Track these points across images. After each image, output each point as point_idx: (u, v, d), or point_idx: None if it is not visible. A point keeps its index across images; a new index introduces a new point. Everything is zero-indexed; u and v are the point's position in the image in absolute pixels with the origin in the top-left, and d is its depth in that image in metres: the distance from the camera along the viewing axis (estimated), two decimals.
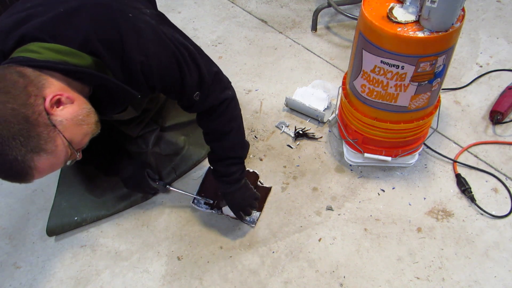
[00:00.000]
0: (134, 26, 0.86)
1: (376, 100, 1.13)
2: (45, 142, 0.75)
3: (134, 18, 0.87)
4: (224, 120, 1.08)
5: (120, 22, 0.85)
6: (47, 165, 0.78)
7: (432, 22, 0.95)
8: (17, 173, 0.75)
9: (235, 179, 1.14)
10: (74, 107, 0.80)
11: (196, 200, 1.30)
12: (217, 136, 1.11)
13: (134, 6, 0.92)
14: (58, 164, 0.80)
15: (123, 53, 0.84)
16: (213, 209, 1.28)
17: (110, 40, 0.83)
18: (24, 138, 0.72)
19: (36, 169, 0.76)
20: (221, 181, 1.15)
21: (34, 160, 0.75)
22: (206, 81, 1.00)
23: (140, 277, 1.16)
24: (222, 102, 1.06)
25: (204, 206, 1.28)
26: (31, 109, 0.73)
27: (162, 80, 0.93)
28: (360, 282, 1.13)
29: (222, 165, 1.13)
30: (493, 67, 1.68)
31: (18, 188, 1.37)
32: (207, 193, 1.31)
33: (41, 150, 0.75)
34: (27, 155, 0.73)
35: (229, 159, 1.12)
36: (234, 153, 1.13)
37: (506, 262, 1.15)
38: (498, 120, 1.46)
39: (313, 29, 1.92)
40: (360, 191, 1.32)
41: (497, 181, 1.32)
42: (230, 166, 1.12)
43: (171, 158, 1.37)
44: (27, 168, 0.75)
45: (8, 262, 1.21)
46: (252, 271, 1.16)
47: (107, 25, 0.84)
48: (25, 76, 0.75)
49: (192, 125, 1.43)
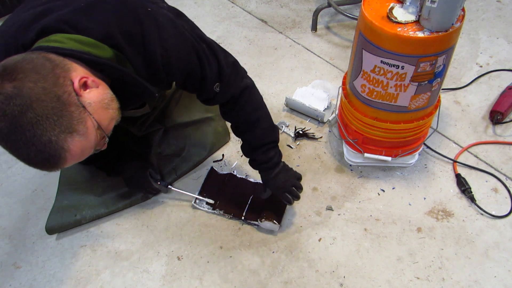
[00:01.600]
0: (154, 20, 0.87)
1: (376, 100, 1.13)
2: (77, 122, 0.74)
3: (153, 12, 0.88)
4: (250, 109, 1.09)
5: (141, 16, 0.86)
6: (79, 148, 0.76)
7: (432, 22, 0.95)
8: (50, 156, 0.72)
9: (275, 163, 1.14)
10: (99, 90, 0.80)
11: (198, 200, 1.29)
12: (248, 126, 1.11)
13: (152, 1, 0.94)
14: (88, 148, 0.78)
15: (144, 46, 0.85)
16: (215, 209, 1.27)
17: (131, 33, 0.84)
18: (57, 117, 0.71)
19: (69, 151, 0.74)
20: (261, 169, 1.16)
21: (67, 142, 0.73)
22: (225, 71, 1.01)
23: (140, 277, 1.16)
24: (243, 91, 1.07)
25: (206, 206, 1.28)
26: (62, 89, 0.73)
27: (182, 73, 0.94)
28: (360, 282, 1.13)
29: (259, 153, 1.13)
30: (493, 67, 1.68)
31: (18, 188, 1.37)
32: (209, 193, 1.31)
33: (73, 130, 0.74)
34: (60, 135, 0.72)
35: (264, 145, 1.12)
36: (268, 138, 1.13)
37: (506, 262, 1.15)
38: (498, 120, 1.46)
39: (313, 29, 1.92)
40: (360, 191, 1.32)
41: (497, 181, 1.32)
42: (267, 152, 1.13)
43: (172, 159, 1.37)
44: (60, 150, 0.73)
45: (8, 262, 1.21)
46: (252, 271, 1.16)
47: (128, 19, 0.85)
48: (50, 60, 0.75)
49: (193, 126, 1.43)
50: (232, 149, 1.46)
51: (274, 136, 1.14)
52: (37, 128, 0.70)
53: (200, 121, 1.44)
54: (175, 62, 0.91)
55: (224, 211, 1.27)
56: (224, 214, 1.27)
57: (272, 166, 1.14)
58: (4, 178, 1.41)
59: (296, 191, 1.16)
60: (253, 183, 1.34)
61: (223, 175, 1.36)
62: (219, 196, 1.30)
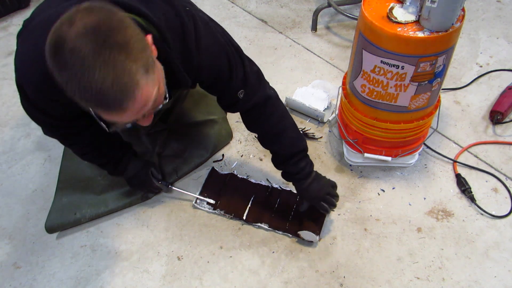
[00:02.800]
0: (192, 18, 0.90)
1: (376, 100, 1.13)
2: (152, 64, 0.72)
3: (191, 12, 0.91)
4: (276, 119, 1.09)
5: (182, 14, 0.88)
6: (147, 92, 0.71)
7: (432, 22, 0.95)
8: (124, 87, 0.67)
9: (307, 173, 1.13)
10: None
11: (199, 200, 1.29)
12: (275, 137, 1.11)
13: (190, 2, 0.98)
14: (150, 98, 0.73)
15: (183, 42, 0.87)
16: (216, 209, 1.27)
17: (174, 27, 0.86)
18: (141, 50, 0.69)
19: (140, 89, 0.69)
20: (294, 180, 1.15)
21: (143, 78, 0.69)
22: (250, 78, 1.02)
23: (140, 277, 1.16)
24: (266, 101, 1.07)
25: (206, 207, 1.28)
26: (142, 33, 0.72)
27: (212, 74, 0.95)
28: (360, 282, 1.13)
29: (290, 164, 1.12)
30: (493, 67, 1.68)
31: (18, 188, 1.37)
32: (210, 193, 1.31)
33: (149, 70, 0.71)
34: (139, 69, 0.68)
35: (294, 156, 1.11)
36: (297, 148, 1.12)
37: (506, 262, 1.15)
38: (498, 120, 1.46)
39: (313, 29, 1.92)
40: (360, 191, 1.32)
41: (497, 181, 1.32)
42: (298, 163, 1.12)
43: (173, 160, 1.37)
44: (135, 85, 0.68)
45: (8, 262, 1.21)
46: (252, 271, 1.16)
47: (171, 15, 0.87)
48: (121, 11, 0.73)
49: (195, 128, 1.43)
50: (232, 149, 1.46)
51: (302, 145, 1.13)
52: (122, 53, 0.66)
53: (202, 123, 1.44)
54: (207, 63, 0.92)
55: (225, 211, 1.27)
56: (225, 214, 1.27)
57: (305, 176, 1.13)
58: (4, 178, 1.41)
59: (331, 199, 1.14)
60: (254, 183, 1.34)
61: (224, 175, 1.36)
62: (220, 196, 1.30)
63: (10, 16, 2.06)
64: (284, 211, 1.26)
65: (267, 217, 1.24)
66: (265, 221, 1.24)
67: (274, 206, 1.27)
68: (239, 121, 1.54)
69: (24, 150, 1.48)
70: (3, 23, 2.03)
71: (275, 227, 1.23)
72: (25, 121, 1.58)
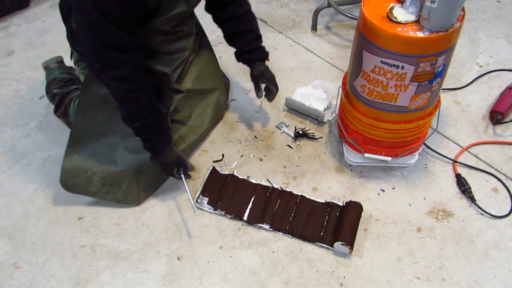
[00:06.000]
0: None
1: (376, 100, 1.14)
2: None
3: None
4: (249, 5, 1.37)
5: None
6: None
7: (432, 22, 0.95)
8: None
9: (267, 54, 1.39)
10: None
11: (200, 200, 1.29)
12: (251, 16, 1.36)
13: None
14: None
15: None
16: (217, 209, 1.27)
17: None
18: None
19: None
20: (260, 58, 1.37)
21: None
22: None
23: (140, 277, 1.16)
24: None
25: (207, 206, 1.28)
26: None
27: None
28: (360, 282, 1.13)
29: (260, 43, 1.37)
30: (493, 67, 1.68)
31: (18, 188, 1.37)
32: (210, 193, 1.31)
33: None
34: None
35: (261, 37, 1.37)
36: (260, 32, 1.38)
37: (506, 262, 1.15)
38: (498, 120, 1.46)
39: (313, 29, 1.92)
40: (360, 191, 1.32)
41: (497, 181, 1.32)
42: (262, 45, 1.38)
43: (177, 127, 1.37)
44: None
45: (8, 262, 1.21)
46: (252, 271, 1.16)
47: None
48: None
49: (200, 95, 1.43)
50: (232, 149, 1.46)
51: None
52: None
53: (208, 91, 1.45)
54: None
55: (226, 211, 1.27)
56: (225, 215, 1.27)
57: (267, 55, 1.39)
58: (4, 178, 1.41)
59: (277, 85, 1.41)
60: (254, 184, 1.34)
61: (225, 176, 1.36)
62: (221, 196, 1.30)
63: (10, 16, 2.06)
64: (285, 212, 1.26)
65: (268, 218, 1.24)
66: (266, 221, 1.24)
67: (275, 206, 1.27)
68: (239, 121, 1.54)
69: (24, 150, 1.48)
70: (3, 23, 2.03)
71: (276, 228, 1.23)
72: (25, 121, 1.58)
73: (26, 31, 1.98)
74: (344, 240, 1.15)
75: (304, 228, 1.22)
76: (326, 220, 1.24)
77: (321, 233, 1.21)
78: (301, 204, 1.27)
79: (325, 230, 1.21)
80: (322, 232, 1.21)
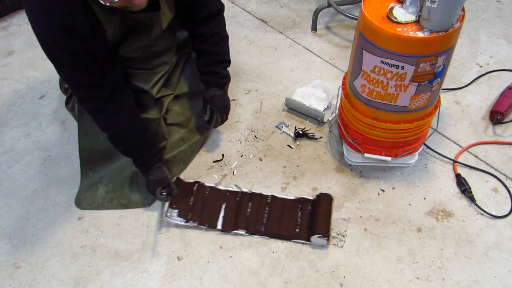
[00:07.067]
0: None
1: (376, 100, 1.14)
2: None
3: None
4: (224, 25, 1.31)
5: None
6: None
7: (432, 22, 0.95)
8: None
9: (227, 81, 1.35)
10: None
11: (169, 213, 1.25)
12: (220, 39, 1.29)
13: None
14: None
15: None
16: (189, 221, 1.23)
17: None
18: None
19: None
20: (217, 83, 1.32)
21: None
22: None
23: (140, 277, 1.16)
24: (222, 9, 1.28)
25: (178, 219, 1.24)
26: None
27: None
28: (360, 282, 1.13)
29: (222, 68, 1.32)
30: (493, 67, 1.68)
31: (18, 188, 1.37)
32: (179, 205, 1.26)
33: None
34: None
35: (226, 62, 1.33)
36: (229, 57, 1.33)
37: (506, 262, 1.15)
38: (498, 120, 1.46)
39: (313, 29, 1.92)
40: (360, 191, 1.32)
41: (497, 181, 1.32)
42: (226, 70, 1.33)
43: (177, 130, 1.39)
44: None
45: (8, 262, 1.21)
46: (252, 271, 1.16)
47: None
48: None
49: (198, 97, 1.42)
50: (232, 149, 1.46)
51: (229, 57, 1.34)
52: None
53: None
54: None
55: (198, 222, 1.24)
56: (198, 226, 1.24)
57: (225, 83, 1.34)
58: (4, 178, 1.41)
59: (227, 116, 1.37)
60: (223, 190, 1.31)
61: (191, 184, 1.32)
62: (191, 207, 1.27)
63: (10, 16, 2.06)
64: (258, 214, 1.25)
65: (242, 223, 1.23)
66: (241, 227, 1.22)
67: (247, 210, 1.26)
68: (239, 121, 1.54)
69: (24, 150, 1.49)
70: (3, 23, 2.03)
71: (252, 232, 1.22)
72: (25, 121, 1.58)
73: (26, 31, 1.98)
74: (320, 233, 1.16)
75: (279, 228, 1.22)
76: (300, 216, 1.24)
77: (297, 229, 1.21)
78: (273, 204, 1.27)
79: (300, 226, 1.22)
80: (298, 229, 1.21)
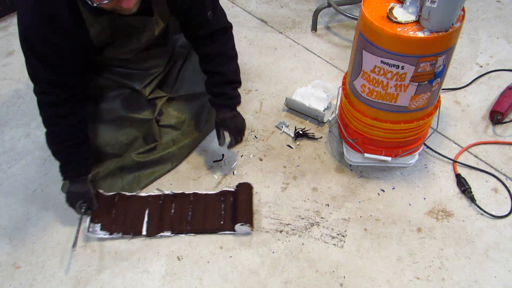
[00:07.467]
0: None
1: (376, 100, 1.14)
2: None
3: None
4: (232, 44, 1.25)
5: None
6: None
7: (432, 22, 0.95)
8: None
9: (237, 102, 1.27)
10: None
11: (92, 228, 1.22)
12: (227, 59, 1.23)
13: None
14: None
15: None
16: (112, 233, 1.21)
17: None
18: None
19: None
20: (226, 105, 1.25)
21: None
22: (217, 4, 1.17)
23: (140, 277, 1.16)
24: (229, 27, 1.23)
25: (101, 233, 1.22)
26: None
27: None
28: (360, 282, 1.13)
29: (230, 88, 1.24)
30: (493, 67, 1.68)
31: (18, 188, 1.37)
32: (101, 219, 1.24)
33: None
34: None
35: (235, 83, 1.26)
36: (238, 76, 1.26)
37: (506, 262, 1.15)
38: (498, 120, 1.46)
39: (313, 29, 1.92)
40: (360, 191, 1.32)
41: (497, 181, 1.32)
42: (235, 90, 1.26)
43: (170, 131, 1.38)
44: None
45: (8, 262, 1.21)
46: (252, 271, 1.16)
47: None
48: None
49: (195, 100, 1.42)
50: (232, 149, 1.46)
51: (240, 78, 1.27)
52: None
53: (201, 93, 1.43)
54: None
55: (123, 233, 1.22)
56: (123, 236, 1.23)
57: (236, 104, 1.27)
58: (4, 178, 1.41)
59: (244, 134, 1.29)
60: (144, 196, 1.30)
61: (111, 196, 1.29)
62: (113, 219, 1.25)
63: (10, 16, 2.06)
64: (182, 213, 1.25)
65: (167, 225, 1.23)
66: (165, 229, 1.22)
67: (171, 212, 1.26)
68: None
69: (24, 150, 1.49)
70: (3, 23, 2.03)
71: (178, 232, 1.22)
72: (25, 121, 1.58)
73: None
74: (242, 221, 1.18)
75: (204, 222, 1.23)
76: (223, 208, 1.25)
77: (221, 221, 1.23)
78: (196, 202, 1.28)
79: (224, 218, 1.23)
80: (222, 221, 1.23)
